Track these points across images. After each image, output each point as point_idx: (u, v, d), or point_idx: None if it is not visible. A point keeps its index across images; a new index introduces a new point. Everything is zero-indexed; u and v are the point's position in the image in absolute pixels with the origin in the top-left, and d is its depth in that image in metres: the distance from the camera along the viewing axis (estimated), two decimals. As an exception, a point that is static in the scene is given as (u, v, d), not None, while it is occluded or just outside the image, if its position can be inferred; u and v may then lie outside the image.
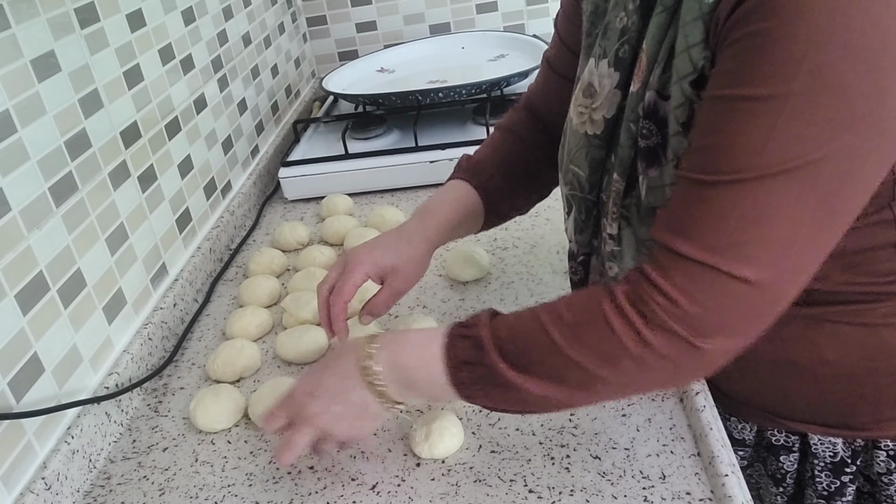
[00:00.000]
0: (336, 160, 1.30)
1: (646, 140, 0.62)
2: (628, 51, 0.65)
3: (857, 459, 0.75)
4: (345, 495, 0.70)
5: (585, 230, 0.74)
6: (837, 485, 0.76)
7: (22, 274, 0.74)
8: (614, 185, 0.66)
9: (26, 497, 0.68)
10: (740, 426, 0.80)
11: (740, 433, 0.80)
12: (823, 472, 0.76)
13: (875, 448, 0.74)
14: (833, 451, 0.75)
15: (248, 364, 0.88)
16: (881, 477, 0.74)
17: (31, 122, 0.77)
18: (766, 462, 0.81)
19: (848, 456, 0.74)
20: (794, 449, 0.77)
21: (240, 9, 1.40)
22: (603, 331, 0.55)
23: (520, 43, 1.60)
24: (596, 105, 0.69)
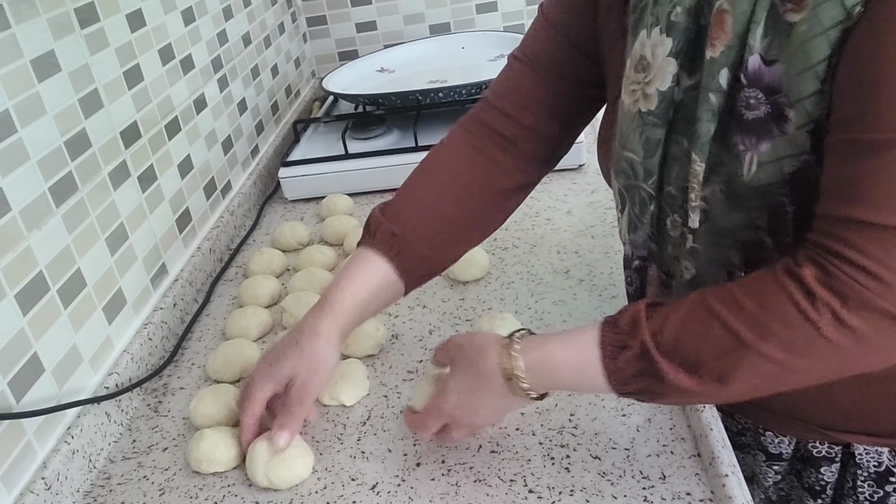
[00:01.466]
0: (336, 160, 1.30)
1: (752, 111, 0.56)
2: (681, 13, 0.60)
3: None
4: (345, 495, 0.70)
5: (640, 228, 0.69)
6: (881, 494, 0.71)
7: (22, 274, 0.74)
8: (693, 168, 0.60)
9: (26, 497, 0.68)
10: (777, 440, 0.74)
11: (777, 447, 0.74)
12: (867, 483, 0.71)
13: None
14: (878, 460, 0.70)
15: (248, 364, 0.88)
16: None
17: (31, 122, 0.77)
18: (800, 474, 0.76)
19: (894, 465, 0.70)
20: (836, 459, 0.72)
21: (240, 9, 1.40)
22: (794, 318, 0.50)
23: (520, 43, 1.60)
24: (649, 78, 0.63)
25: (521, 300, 0.94)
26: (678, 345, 0.54)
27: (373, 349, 0.88)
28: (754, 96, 0.56)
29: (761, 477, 0.78)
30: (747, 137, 0.57)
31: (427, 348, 0.88)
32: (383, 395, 0.81)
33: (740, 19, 0.56)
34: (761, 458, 0.77)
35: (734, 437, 0.78)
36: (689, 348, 0.53)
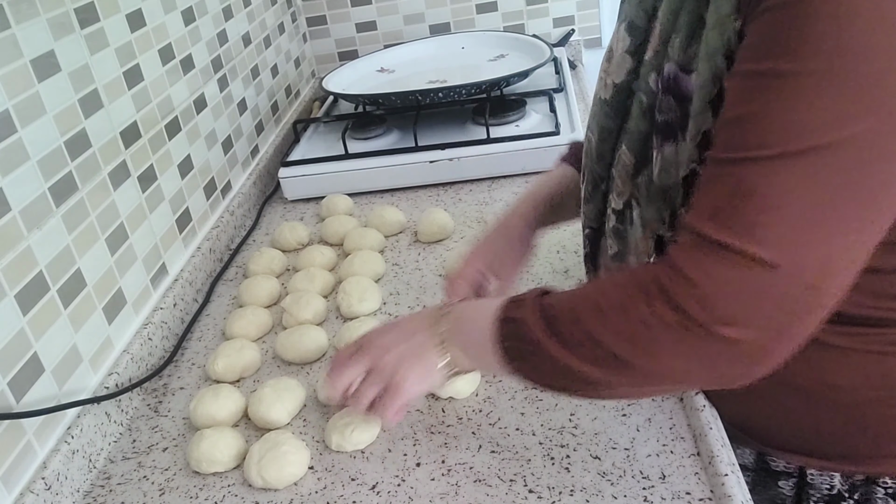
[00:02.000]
0: (336, 160, 1.30)
1: (664, 115, 0.60)
2: (642, 16, 0.64)
3: (854, 494, 0.70)
4: (345, 495, 0.70)
5: (590, 202, 0.74)
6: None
7: (22, 274, 0.74)
8: (622, 157, 0.65)
9: (26, 497, 0.68)
10: (738, 451, 0.75)
11: (740, 457, 0.75)
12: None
13: (873, 484, 0.69)
14: (830, 483, 0.71)
15: (248, 364, 0.88)
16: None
17: (31, 122, 0.77)
18: (766, 488, 0.76)
19: (845, 490, 0.70)
20: (793, 475, 0.73)
21: (240, 9, 1.40)
22: (632, 313, 0.54)
23: (520, 43, 1.60)
24: (610, 70, 0.68)
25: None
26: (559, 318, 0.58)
27: (373, 349, 0.88)
28: (667, 102, 0.59)
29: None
30: (658, 137, 0.61)
31: (427, 348, 0.88)
32: (383, 395, 0.81)
33: (663, 29, 0.59)
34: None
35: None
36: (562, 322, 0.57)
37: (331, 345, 0.91)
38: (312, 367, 0.88)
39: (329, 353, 0.90)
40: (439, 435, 0.75)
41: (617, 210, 0.67)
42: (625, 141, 0.65)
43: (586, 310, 0.56)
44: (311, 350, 0.88)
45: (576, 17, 1.81)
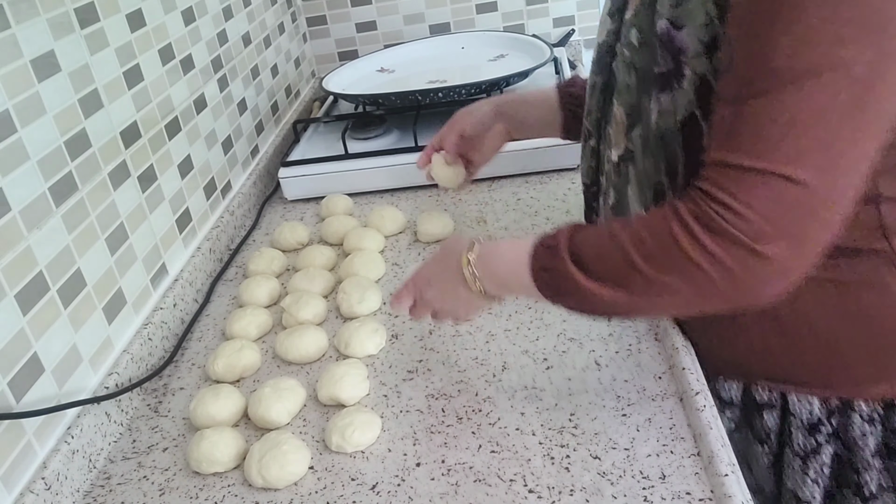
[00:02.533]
0: (336, 160, 1.30)
1: (659, 67, 0.65)
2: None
3: (832, 419, 0.75)
4: (345, 495, 0.70)
5: (584, 158, 0.82)
6: (813, 444, 0.76)
7: (22, 274, 0.74)
8: (616, 113, 0.71)
9: (26, 497, 0.68)
10: (727, 385, 0.80)
11: (727, 392, 0.81)
12: (799, 431, 0.76)
13: (850, 410, 0.74)
14: (810, 410, 0.75)
15: (248, 364, 0.88)
16: (856, 441, 0.75)
17: (31, 122, 0.78)
18: (752, 423, 0.81)
19: (824, 416, 0.75)
20: (776, 406, 0.78)
21: (240, 9, 1.40)
22: (669, 243, 0.58)
23: (520, 43, 1.60)
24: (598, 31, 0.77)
25: (521, 300, 0.94)
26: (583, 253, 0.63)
27: (373, 349, 0.88)
28: (663, 55, 0.65)
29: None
30: (654, 89, 0.67)
31: (427, 348, 0.88)
32: (383, 395, 0.81)
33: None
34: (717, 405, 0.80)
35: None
36: (591, 258, 0.63)
37: (330, 345, 0.91)
38: (312, 367, 0.88)
39: (329, 353, 0.90)
40: (439, 435, 0.75)
41: (614, 163, 0.74)
42: (616, 98, 0.71)
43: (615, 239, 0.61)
44: (311, 350, 0.88)
45: (576, 17, 1.81)
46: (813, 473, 0.77)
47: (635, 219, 0.63)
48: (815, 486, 0.78)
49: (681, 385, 0.75)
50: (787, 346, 0.73)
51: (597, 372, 0.80)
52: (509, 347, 0.86)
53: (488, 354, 0.85)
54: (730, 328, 0.74)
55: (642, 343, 0.83)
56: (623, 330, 0.85)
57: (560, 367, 0.81)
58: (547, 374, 0.81)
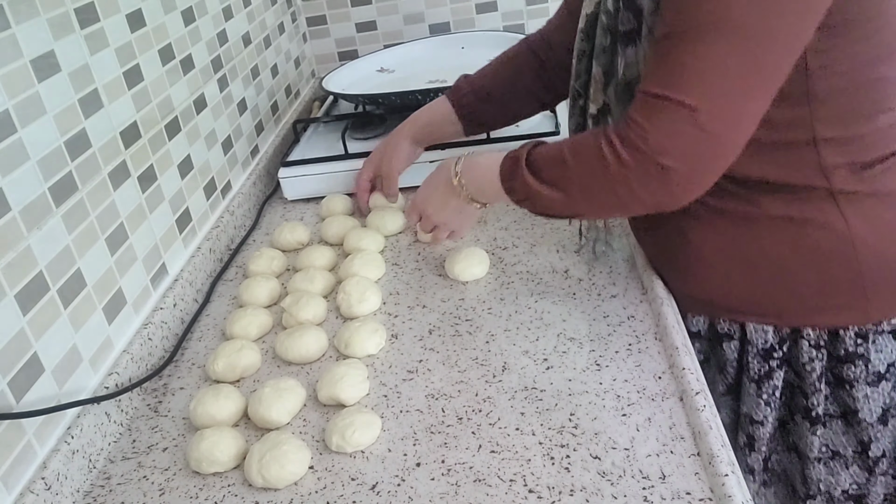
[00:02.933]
0: (336, 160, 1.30)
1: (624, 26, 0.77)
2: None
3: (783, 346, 0.85)
4: (345, 495, 0.70)
5: (573, 116, 0.92)
6: (766, 369, 0.86)
7: (22, 274, 0.74)
8: (594, 74, 0.84)
9: (26, 497, 0.68)
10: (695, 319, 0.91)
11: (695, 325, 0.91)
12: (755, 358, 0.86)
13: (800, 337, 0.83)
14: (765, 338, 0.85)
15: (248, 364, 0.88)
16: (804, 366, 0.84)
17: (31, 122, 0.78)
18: (715, 352, 0.92)
19: (776, 342, 0.85)
20: (735, 337, 0.87)
21: (240, 9, 1.40)
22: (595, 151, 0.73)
23: (520, 43, 1.60)
24: (585, 4, 0.86)
25: (521, 300, 0.94)
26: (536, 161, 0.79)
27: (373, 349, 0.88)
28: (626, 16, 0.77)
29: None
30: (621, 45, 0.78)
31: (427, 348, 0.88)
32: (383, 395, 0.81)
33: None
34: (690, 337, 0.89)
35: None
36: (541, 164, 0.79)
37: (330, 345, 0.91)
38: (312, 367, 0.88)
39: (329, 353, 0.90)
40: (439, 435, 0.75)
41: (593, 115, 0.86)
42: (595, 60, 0.83)
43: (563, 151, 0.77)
44: (311, 350, 0.88)
45: (576, 17, 1.81)
46: (766, 396, 0.87)
47: (577, 136, 0.78)
48: (768, 408, 0.88)
49: (681, 385, 0.75)
50: (747, 280, 0.82)
51: (597, 372, 0.80)
52: (509, 347, 0.86)
53: (488, 354, 0.85)
54: (698, 267, 0.85)
55: (642, 343, 0.83)
56: (623, 330, 0.85)
57: (560, 367, 0.81)
58: (547, 374, 0.81)
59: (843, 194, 0.77)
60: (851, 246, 0.77)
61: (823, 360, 0.83)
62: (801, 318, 0.82)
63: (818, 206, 0.77)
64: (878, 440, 0.85)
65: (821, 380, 0.84)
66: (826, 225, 0.77)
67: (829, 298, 0.80)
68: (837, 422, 0.86)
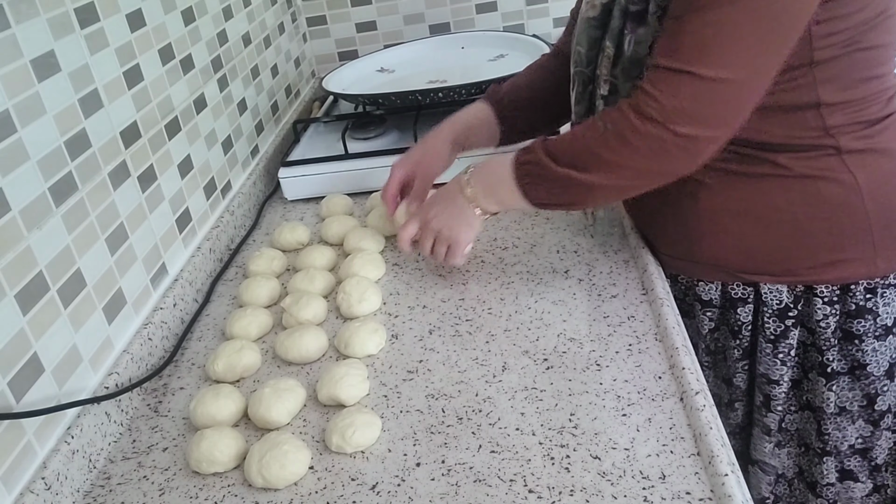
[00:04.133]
0: (336, 160, 1.30)
1: (635, 6, 0.81)
2: None
3: (798, 304, 0.88)
4: (345, 495, 0.70)
5: (582, 101, 0.93)
6: (782, 328, 0.88)
7: (22, 274, 0.74)
8: (606, 51, 0.85)
9: (26, 497, 0.68)
10: (707, 287, 0.93)
11: (707, 294, 0.93)
12: (771, 319, 0.88)
13: (813, 296, 0.86)
14: (779, 298, 0.88)
15: (248, 364, 0.88)
16: (818, 323, 0.86)
17: (31, 122, 0.77)
18: (728, 319, 0.93)
19: (791, 302, 0.87)
20: (749, 300, 0.90)
21: (240, 9, 1.40)
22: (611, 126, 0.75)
23: (520, 43, 1.60)
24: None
25: (521, 300, 0.94)
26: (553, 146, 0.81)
27: (373, 349, 0.88)
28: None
29: (700, 326, 0.97)
30: (630, 24, 0.81)
31: (427, 348, 0.88)
32: (383, 395, 0.81)
33: None
34: (698, 307, 0.95)
35: (681, 303, 0.96)
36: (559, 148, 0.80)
37: (330, 345, 0.91)
38: (312, 367, 0.88)
39: (329, 353, 0.90)
40: (439, 435, 0.75)
41: (604, 96, 0.87)
42: (608, 39, 0.85)
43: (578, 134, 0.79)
44: (311, 350, 0.88)
45: (576, 17, 1.81)
46: (782, 355, 0.89)
47: (590, 118, 0.80)
48: (784, 367, 0.90)
49: (681, 385, 0.75)
50: (761, 239, 0.85)
51: (597, 372, 0.80)
52: (509, 347, 0.86)
53: (488, 354, 0.85)
54: (712, 232, 0.88)
55: (642, 343, 0.83)
56: (623, 330, 0.85)
57: (560, 367, 0.81)
58: (547, 374, 0.81)
59: (849, 152, 0.80)
60: (860, 197, 0.81)
61: (836, 316, 0.86)
62: (815, 274, 0.85)
63: (826, 163, 0.81)
64: (884, 394, 0.88)
65: (834, 335, 0.86)
66: (835, 179, 0.81)
67: (840, 252, 0.83)
68: (845, 378, 0.89)
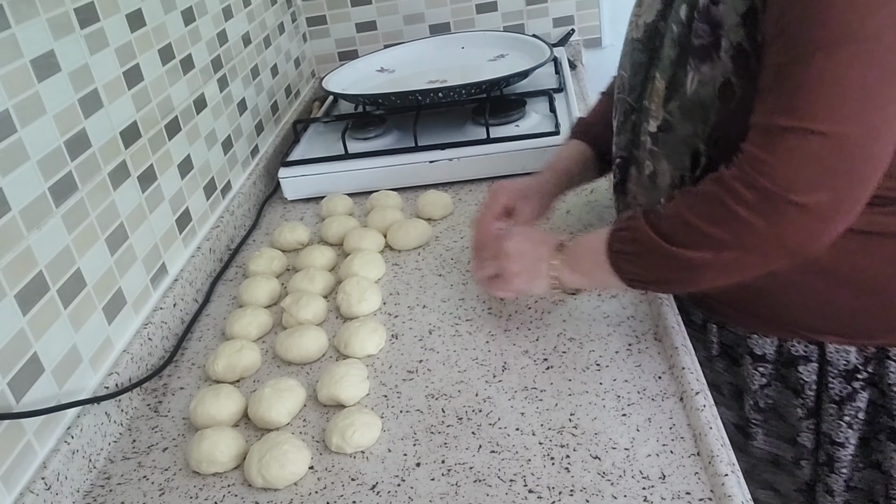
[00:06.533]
0: (336, 160, 1.30)
1: (699, 39, 0.71)
2: None
3: (868, 366, 0.79)
4: (345, 495, 0.70)
5: (623, 132, 0.85)
6: (849, 390, 0.80)
7: (22, 274, 0.74)
8: (656, 85, 0.77)
9: (26, 497, 0.68)
10: (761, 342, 0.84)
11: (761, 349, 0.84)
12: (836, 379, 0.80)
13: (886, 358, 0.78)
14: (846, 359, 0.79)
15: (248, 364, 0.88)
16: (891, 387, 0.78)
17: (30, 122, 0.78)
18: (786, 378, 0.85)
19: (860, 363, 0.79)
20: (813, 359, 0.81)
21: (240, 9, 1.40)
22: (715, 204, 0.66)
23: (520, 43, 1.60)
24: (641, 12, 0.80)
25: (521, 300, 0.94)
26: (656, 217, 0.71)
27: (373, 349, 0.88)
28: (703, 28, 0.71)
29: (749, 381, 0.87)
30: (694, 60, 0.72)
31: (427, 348, 0.88)
32: (383, 395, 0.81)
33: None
34: (748, 360, 0.86)
35: (727, 349, 0.89)
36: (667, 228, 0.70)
37: (330, 345, 0.91)
38: (312, 367, 0.88)
39: (329, 353, 0.90)
40: (439, 435, 0.75)
41: (652, 133, 0.78)
42: (657, 70, 0.76)
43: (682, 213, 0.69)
44: (311, 350, 0.88)
45: (576, 17, 1.81)
46: (847, 418, 0.81)
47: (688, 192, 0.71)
48: (850, 430, 0.82)
49: (681, 385, 0.75)
50: (829, 296, 0.76)
51: (597, 372, 0.80)
52: (509, 347, 0.86)
53: (488, 354, 0.85)
54: (771, 286, 0.77)
55: (642, 343, 0.83)
56: (623, 330, 0.85)
57: (560, 367, 0.81)
58: (547, 374, 0.81)
59: None
60: None
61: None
62: (888, 337, 0.77)
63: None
64: None
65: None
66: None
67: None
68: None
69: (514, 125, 1.33)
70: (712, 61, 0.70)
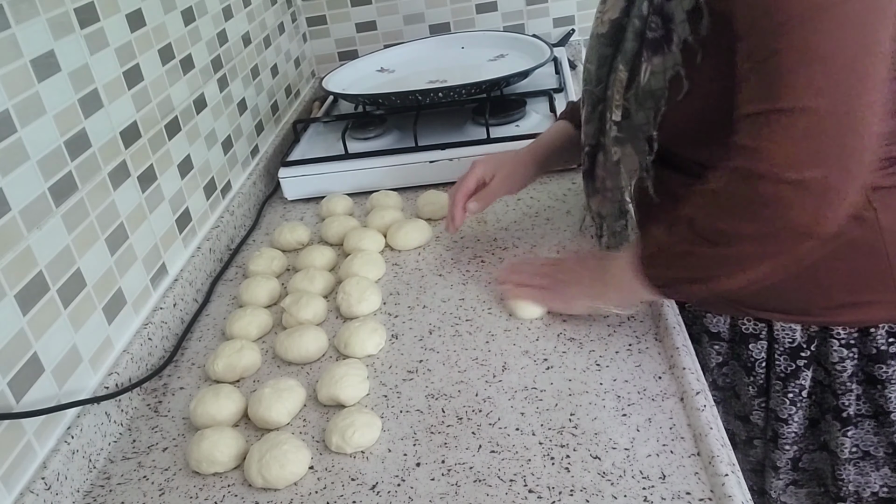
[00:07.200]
0: (336, 160, 1.30)
1: (653, 33, 0.74)
2: None
3: (811, 345, 0.83)
4: (345, 495, 0.70)
5: (591, 122, 0.87)
6: (793, 368, 0.84)
7: (22, 274, 0.74)
8: (618, 75, 0.79)
9: (26, 497, 0.68)
10: (715, 320, 0.89)
11: (716, 326, 0.89)
12: (782, 357, 0.84)
13: (829, 337, 0.81)
14: (792, 337, 0.83)
15: (248, 364, 0.88)
16: (834, 366, 0.82)
17: (30, 122, 0.77)
18: (739, 356, 0.89)
19: (804, 341, 0.83)
20: (762, 337, 0.85)
21: (239, 9, 1.40)
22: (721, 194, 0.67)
23: (520, 43, 1.60)
24: (606, 9, 0.82)
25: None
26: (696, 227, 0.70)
27: (373, 349, 0.88)
28: (656, 21, 0.73)
29: (707, 360, 0.92)
30: (647, 52, 0.75)
31: (427, 348, 0.88)
32: (383, 395, 0.81)
33: None
34: (705, 339, 0.91)
35: (689, 328, 0.89)
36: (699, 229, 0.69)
37: (330, 345, 0.91)
38: (312, 367, 0.88)
39: (329, 353, 0.90)
40: (439, 435, 0.75)
41: (617, 121, 0.81)
42: (620, 61, 0.79)
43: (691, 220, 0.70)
44: (311, 350, 0.88)
45: (576, 17, 1.81)
46: (791, 395, 0.85)
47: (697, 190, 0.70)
48: (794, 407, 0.86)
49: (681, 385, 0.75)
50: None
51: (597, 372, 0.80)
52: (509, 347, 0.86)
53: (488, 354, 0.85)
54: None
55: (642, 343, 0.83)
56: (623, 330, 0.85)
57: (560, 367, 0.81)
58: (547, 374, 0.81)
59: (874, 189, 0.75)
60: (881, 237, 0.76)
61: (855, 360, 0.81)
62: (830, 315, 0.80)
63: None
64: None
65: (852, 379, 0.82)
66: (856, 216, 0.73)
67: (859, 294, 0.78)
68: (869, 422, 0.84)
69: (515, 125, 1.33)
70: (664, 54, 0.73)
